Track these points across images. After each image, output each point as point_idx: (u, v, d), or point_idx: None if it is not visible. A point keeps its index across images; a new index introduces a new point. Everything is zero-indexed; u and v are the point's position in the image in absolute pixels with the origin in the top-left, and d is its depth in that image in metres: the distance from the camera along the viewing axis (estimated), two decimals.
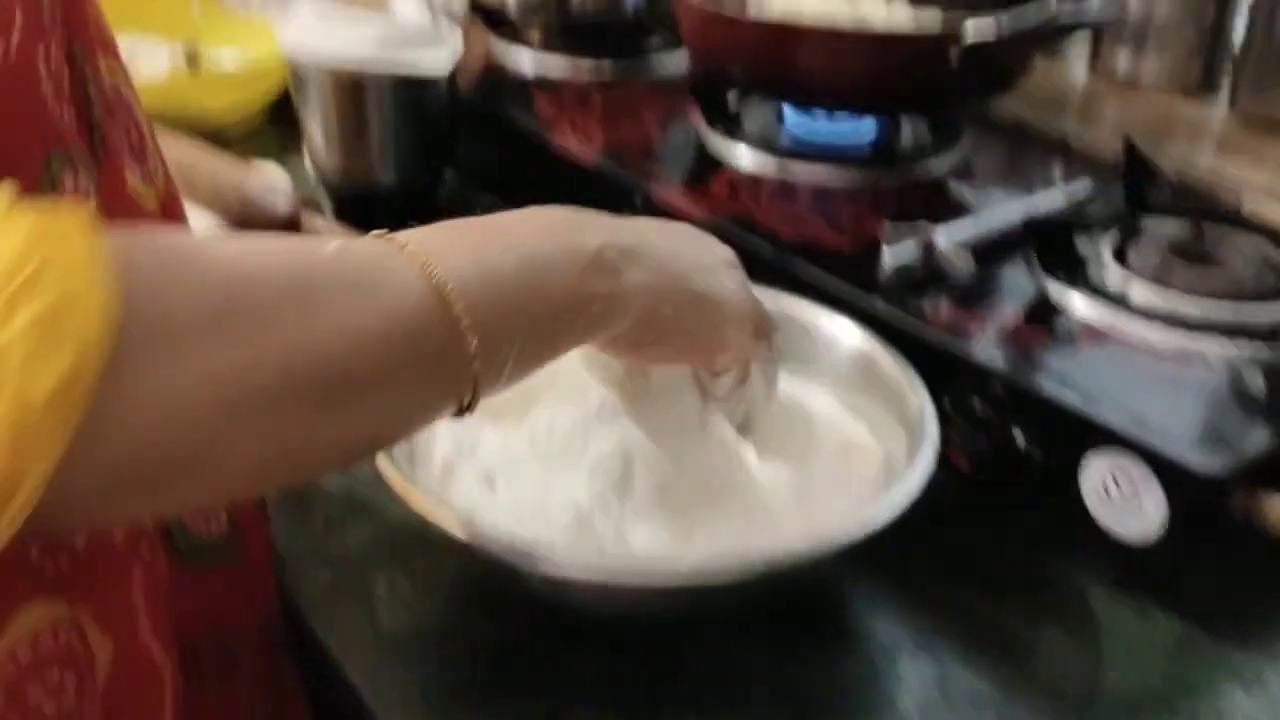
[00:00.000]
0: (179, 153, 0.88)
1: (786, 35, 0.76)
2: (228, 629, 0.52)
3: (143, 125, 0.49)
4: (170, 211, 0.50)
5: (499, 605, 0.53)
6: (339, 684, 0.51)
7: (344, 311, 0.37)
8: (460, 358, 0.40)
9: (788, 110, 0.83)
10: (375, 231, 0.42)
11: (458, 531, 0.46)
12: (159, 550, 0.46)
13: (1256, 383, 0.56)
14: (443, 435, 0.54)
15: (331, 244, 0.39)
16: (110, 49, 0.48)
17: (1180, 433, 0.52)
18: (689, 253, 0.51)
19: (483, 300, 0.41)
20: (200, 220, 0.85)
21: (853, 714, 0.49)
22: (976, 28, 0.71)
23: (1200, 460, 0.51)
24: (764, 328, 0.54)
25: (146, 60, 1.02)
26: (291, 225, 0.82)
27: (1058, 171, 0.81)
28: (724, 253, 0.54)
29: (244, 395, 0.34)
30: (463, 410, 0.42)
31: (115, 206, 0.45)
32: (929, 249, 0.64)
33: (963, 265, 0.63)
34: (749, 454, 0.55)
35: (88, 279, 0.31)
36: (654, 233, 0.51)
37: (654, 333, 0.48)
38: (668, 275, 0.49)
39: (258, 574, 0.54)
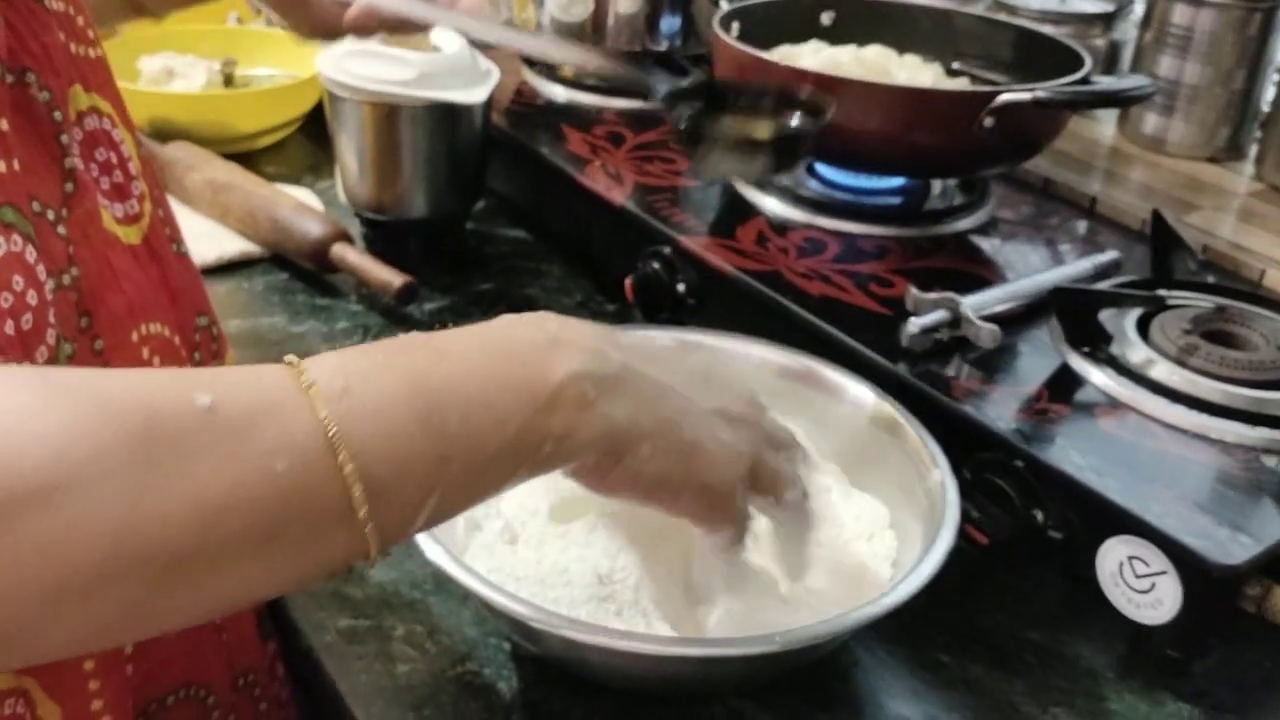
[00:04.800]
0: (213, 175, 0.90)
1: (820, 84, 0.77)
2: (200, 685, 0.51)
3: (128, 164, 0.48)
4: (156, 247, 0.49)
5: (515, 659, 0.54)
6: None
7: (200, 477, 0.33)
8: (347, 519, 0.35)
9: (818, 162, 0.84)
10: (289, 358, 0.37)
11: (479, 590, 0.47)
12: None
13: (1275, 472, 0.57)
14: None
15: (220, 383, 0.35)
16: (94, 81, 0.47)
17: (1198, 522, 0.53)
18: (689, 392, 0.45)
19: (386, 456, 0.36)
20: (234, 244, 0.86)
21: None
22: (1010, 92, 0.71)
23: (1216, 552, 0.51)
24: (771, 483, 0.48)
25: (183, 76, 1.03)
26: (322, 250, 0.83)
27: (1083, 236, 0.82)
28: (734, 398, 0.47)
29: (64, 574, 0.31)
30: (369, 562, 0.37)
31: (87, 243, 0.44)
32: (955, 318, 0.64)
33: (988, 338, 0.63)
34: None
35: None
36: (652, 361, 0.45)
37: (621, 470, 0.43)
38: (652, 414, 0.43)
39: (235, 624, 0.51)
